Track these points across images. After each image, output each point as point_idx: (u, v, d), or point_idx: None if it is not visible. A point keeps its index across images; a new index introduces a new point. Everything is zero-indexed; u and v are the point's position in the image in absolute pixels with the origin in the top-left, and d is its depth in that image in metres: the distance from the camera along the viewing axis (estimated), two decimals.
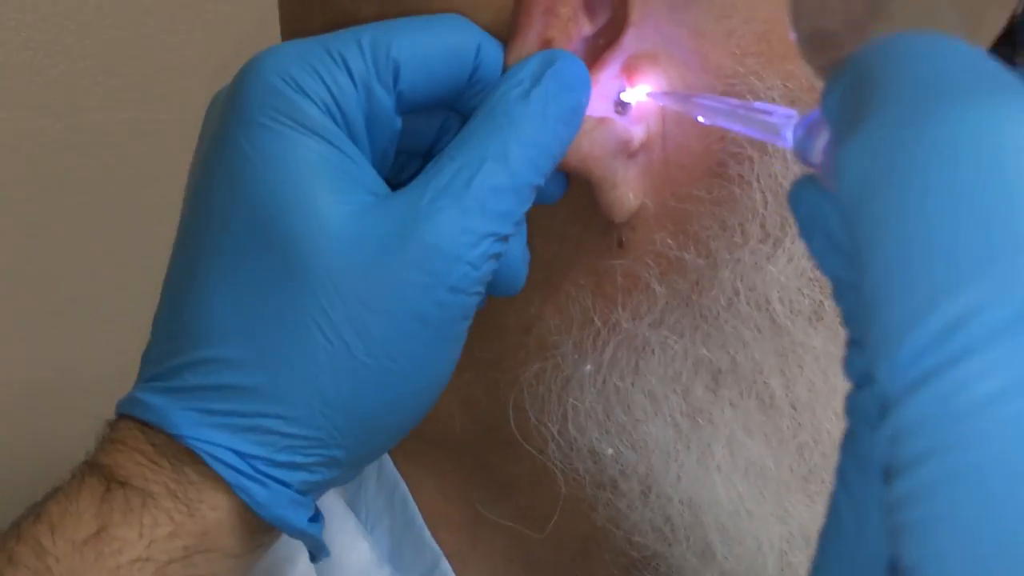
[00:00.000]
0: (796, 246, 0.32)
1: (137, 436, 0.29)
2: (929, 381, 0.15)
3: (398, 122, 0.30)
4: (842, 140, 0.18)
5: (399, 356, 0.28)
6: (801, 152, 0.21)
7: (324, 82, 0.28)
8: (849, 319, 0.20)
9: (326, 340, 0.28)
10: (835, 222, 0.19)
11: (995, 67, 0.17)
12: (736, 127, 0.27)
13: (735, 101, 0.28)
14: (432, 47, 0.30)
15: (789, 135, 0.23)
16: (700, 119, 0.30)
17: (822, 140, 0.20)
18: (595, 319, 0.34)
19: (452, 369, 0.30)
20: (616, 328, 0.34)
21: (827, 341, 0.33)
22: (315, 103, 0.28)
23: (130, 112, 0.78)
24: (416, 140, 0.32)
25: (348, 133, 0.29)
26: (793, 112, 0.24)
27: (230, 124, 0.29)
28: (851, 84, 0.19)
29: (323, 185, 0.28)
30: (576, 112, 0.30)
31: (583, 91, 0.30)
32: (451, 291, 0.28)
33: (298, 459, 0.29)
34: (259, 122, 0.28)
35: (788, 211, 0.32)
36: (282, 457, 0.28)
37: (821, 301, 0.33)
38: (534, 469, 0.36)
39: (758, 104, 0.26)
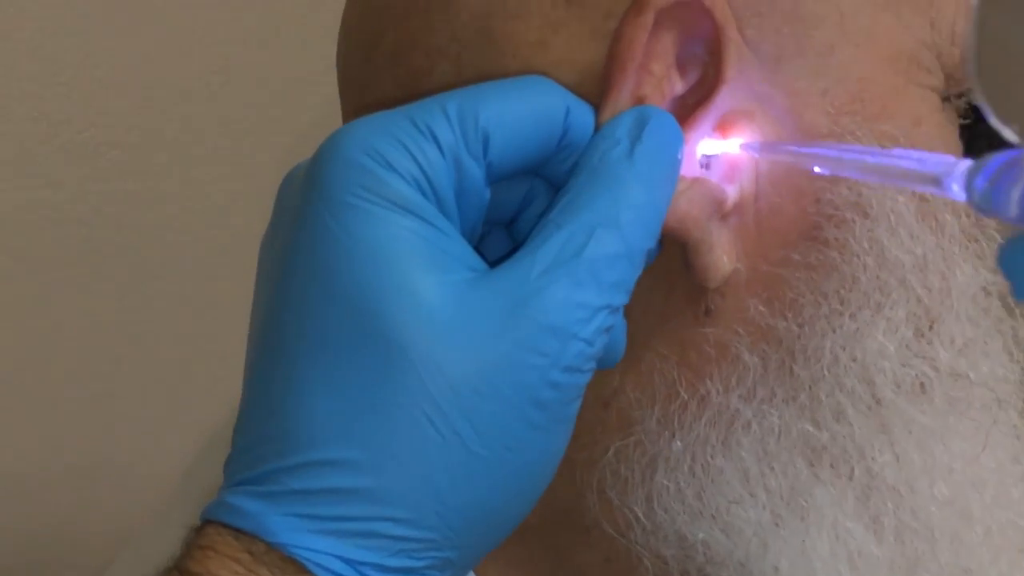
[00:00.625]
0: (898, 314, 0.31)
1: (231, 543, 0.26)
2: None
3: (487, 193, 0.29)
4: None
5: (515, 444, 0.26)
6: (987, 204, 0.20)
7: (412, 155, 0.27)
8: None
9: (437, 433, 0.26)
10: None
11: None
12: (872, 178, 0.25)
13: (864, 148, 0.26)
14: (521, 113, 0.28)
15: (956, 186, 0.21)
16: (816, 170, 0.28)
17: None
18: (681, 392, 0.32)
19: (563, 453, 0.28)
20: (705, 401, 0.31)
21: (934, 417, 0.31)
22: (403, 178, 0.26)
23: (132, 183, 0.77)
24: (499, 209, 0.30)
25: (439, 208, 0.27)
26: (952, 158, 0.22)
27: (314, 204, 0.27)
28: None
29: (419, 265, 0.26)
30: (676, 170, 0.29)
31: (679, 148, 0.29)
32: (566, 371, 0.26)
33: (410, 563, 0.26)
34: (346, 201, 0.26)
35: (889, 277, 0.31)
36: (394, 562, 0.26)
37: (926, 373, 0.31)
38: (613, 555, 0.33)
39: (899, 151, 0.25)
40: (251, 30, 0.76)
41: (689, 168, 0.30)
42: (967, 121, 0.34)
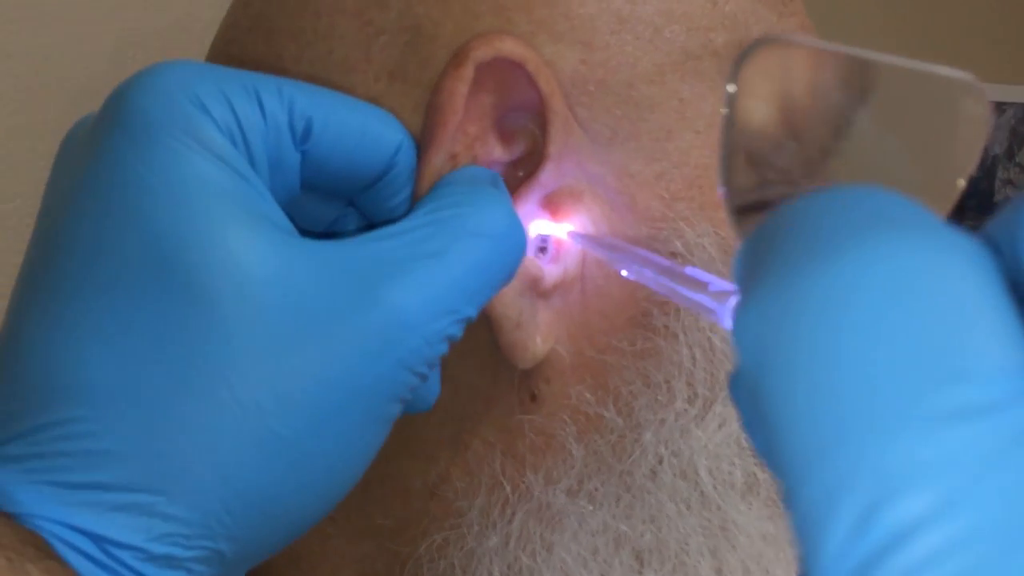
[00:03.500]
0: (728, 410, 0.29)
1: None
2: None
3: (298, 186, 0.27)
4: (737, 310, 0.16)
5: (322, 433, 0.23)
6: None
7: (233, 109, 0.24)
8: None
9: (235, 402, 0.22)
10: None
11: (908, 208, 0.15)
12: (665, 292, 0.24)
13: (666, 261, 0.25)
14: (352, 125, 0.27)
15: (728, 319, 0.20)
16: (623, 273, 0.27)
17: None
18: (504, 483, 0.30)
19: (370, 460, 0.25)
20: (527, 495, 0.30)
21: (762, 519, 0.29)
22: (219, 127, 0.24)
23: None
24: (308, 223, 0.29)
25: (251, 167, 0.25)
26: (733, 286, 0.21)
27: (120, 142, 0.24)
28: (753, 245, 0.16)
29: (231, 214, 0.23)
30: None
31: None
32: (397, 365, 0.24)
33: (176, 552, 0.22)
34: (160, 141, 0.23)
35: (718, 370, 0.29)
36: (157, 548, 0.22)
37: (755, 473, 0.29)
38: None
39: (691, 270, 0.24)
40: None
41: None
42: None
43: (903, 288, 0.14)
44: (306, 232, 0.28)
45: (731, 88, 0.20)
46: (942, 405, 0.13)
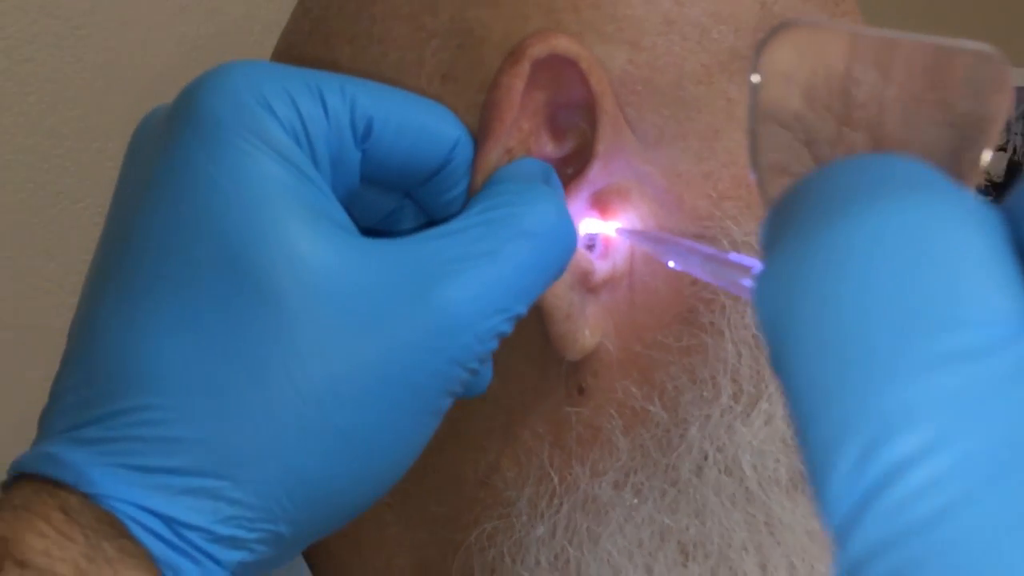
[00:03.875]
0: (774, 407, 0.29)
1: (45, 500, 0.23)
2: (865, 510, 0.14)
3: (358, 182, 0.28)
4: (758, 275, 0.17)
5: (378, 425, 0.24)
6: None
7: (297, 108, 0.25)
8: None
9: (298, 395, 0.23)
10: None
11: (925, 172, 0.16)
12: (709, 279, 0.25)
13: (710, 249, 0.25)
14: (411, 121, 0.28)
15: None
16: (671, 264, 0.27)
17: None
18: (552, 474, 0.30)
19: (422, 449, 0.27)
20: (573, 486, 0.30)
21: (808, 516, 0.29)
22: (283, 126, 0.25)
23: None
24: (367, 213, 0.30)
25: (314, 165, 0.26)
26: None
27: (190, 140, 0.25)
28: (774, 212, 0.17)
29: (296, 214, 0.24)
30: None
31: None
32: (450, 362, 0.25)
33: (240, 533, 0.24)
34: (228, 140, 0.24)
35: (763, 366, 0.30)
36: (223, 530, 0.24)
37: (800, 470, 0.29)
38: None
39: (735, 256, 0.24)
40: None
41: None
42: None
43: (908, 240, 0.15)
44: (365, 225, 0.29)
45: (755, 78, 0.21)
46: (939, 348, 0.14)
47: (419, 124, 0.28)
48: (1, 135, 0.73)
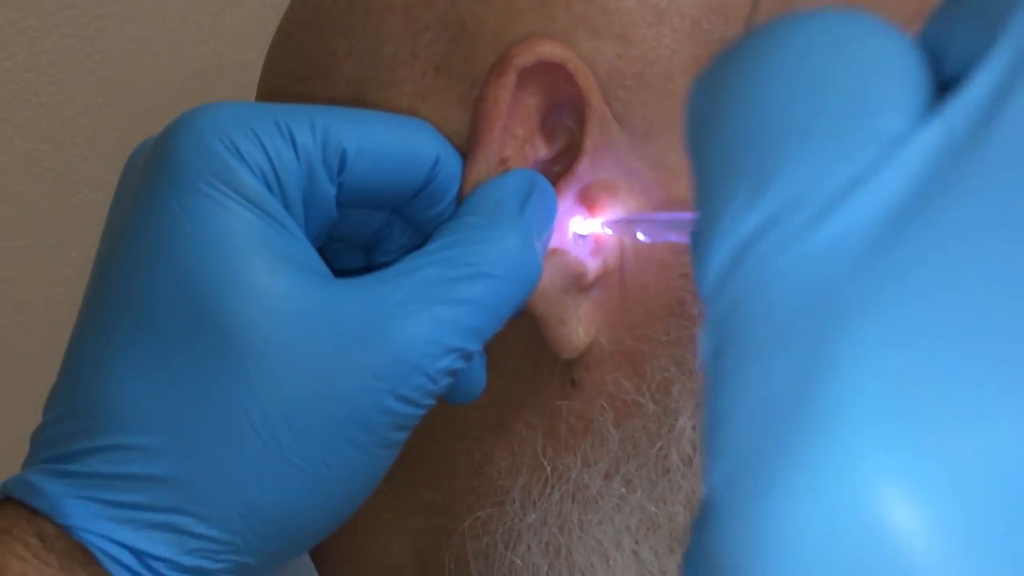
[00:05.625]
0: None
1: (24, 527, 0.25)
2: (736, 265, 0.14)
3: (335, 213, 0.28)
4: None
5: (334, 461, 0.26)
6: None
7: (265, 150, 0.26)
8: None
9: (256, 436, 0.25)
10: None
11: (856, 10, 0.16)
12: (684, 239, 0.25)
13: (685, 214, 0.26)
14: (387, 146, 0.28)
15: None
16: (640, 237, 0.28)
17: None
18: (545, 464, 0.31)
19: (380, 478, 0.28)
20: (565, 476, 0.31)
21: None
22: (252, 170, 0.26)
23: None
24: (355, 231, 0.30)
25: (285, 207, 0.27)
26: None
27: (161, 186, 0.26)
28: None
29: (260, 259, 0.26)
30: (550, 237, 0.29)
31: (555, 217, 0.29)
32: (400, 400, 0.26)
33: (205, 564, 0.26)
34: (192, 185, 0.26)
35: None
36: (189, 561, 0.25)
37: None
38: None
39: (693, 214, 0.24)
40: None
41: (552, 239, 0.30)
42: None
43: (830, 41, 0.15)
44: (356, 240, 0.30)
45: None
46: (841, 133, 0.14)
47: (396, 148, 0.28)
48: (22, 125, 0.74)
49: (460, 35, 0.30)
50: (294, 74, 0.33)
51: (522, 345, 0.31)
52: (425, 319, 0.26)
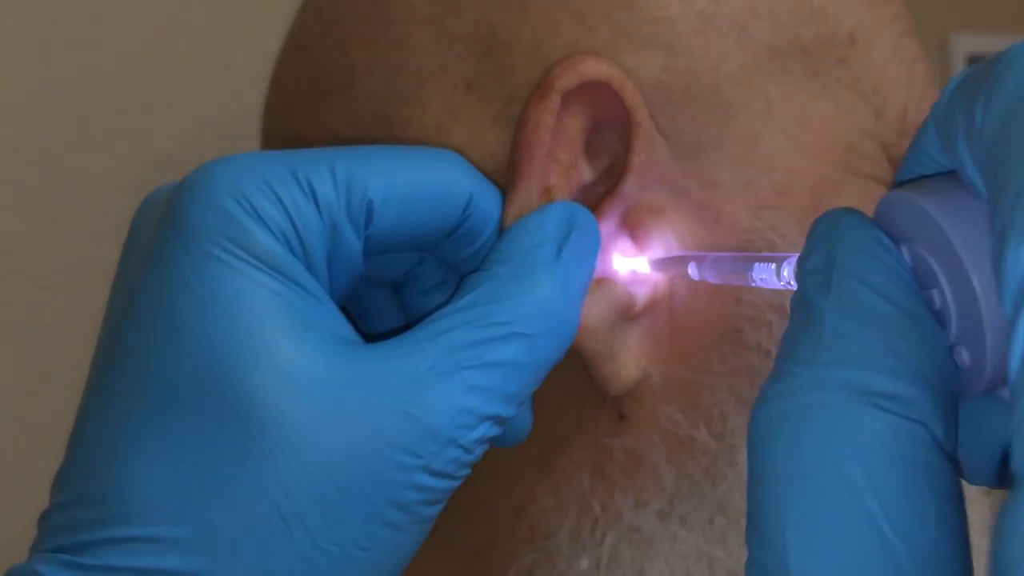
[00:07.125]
0: None
1: None
2: None
3: (361, 267, 0.26)
4: None
5: (366, 543, 0.24)
6: None
7: (285, 208, 0.24)
8: None
9: (283, 522, 0.23)
10: None
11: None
12: (743, 283, 0.24)
13: (740, 254, 0.24)
14: (417, 190, 0.26)
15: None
16: (692, 273, 0.26)
17: None
18: (594, 504, 0.29)
19: (415, 552, 0.26)
20: (616, 517, 0.29)
21: None
22: (271, 232, 0.24)
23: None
24: (382, 273, 0.28)
25: (308, 269, 0.25)
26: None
27: (169, 246, 0.24)
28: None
29: (282, 330, 0.23)
30: (591, 280, 0.27)
31: (597, 254, 0.27)
32: (435, 475, 0.24)
33: None
34: (205, 250, 0.23)
35: None
36: None
37: None
38: None
39: (764, 256, 0.22)
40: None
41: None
42: None
43: None
44: (386, 281, 0.28)
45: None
46: None
47: (426, 190, 0.26)
48: (36, 122, 0.73)
49: (493, 48, 0.28)
50: (310, 90, 0.31)
51: (565, 377, 0.29)
52: (457, 387, 0.24)
